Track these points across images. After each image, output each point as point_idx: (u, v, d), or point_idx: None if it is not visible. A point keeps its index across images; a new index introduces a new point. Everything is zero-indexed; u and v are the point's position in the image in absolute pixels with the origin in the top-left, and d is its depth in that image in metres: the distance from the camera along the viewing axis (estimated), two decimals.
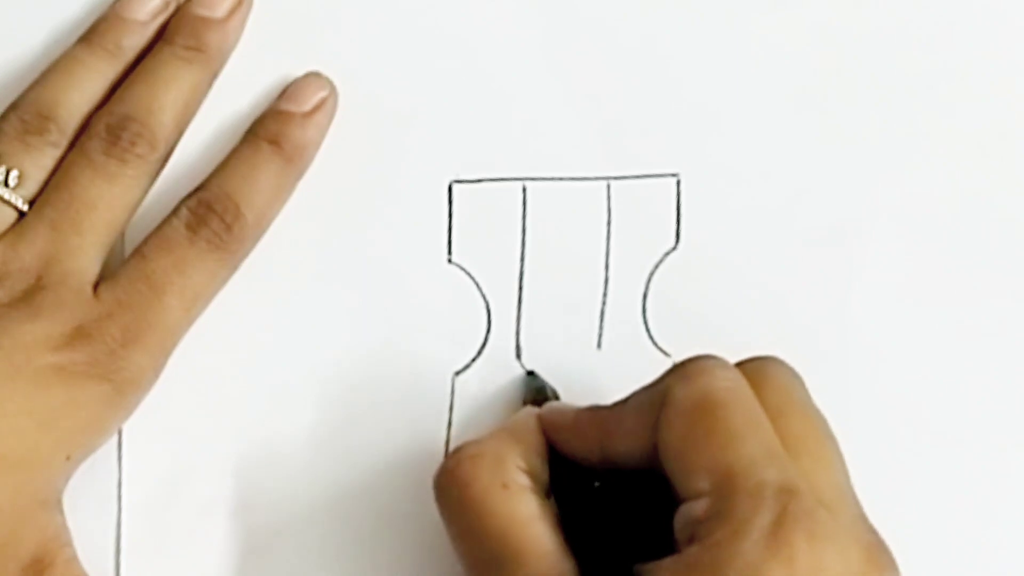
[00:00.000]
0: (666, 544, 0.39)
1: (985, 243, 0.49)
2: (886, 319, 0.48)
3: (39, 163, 0.45)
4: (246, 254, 0.46)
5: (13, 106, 0.46)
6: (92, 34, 0.47)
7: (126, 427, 0.46)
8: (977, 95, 0.49)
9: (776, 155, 0.49)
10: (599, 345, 0.48)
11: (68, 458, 0.43)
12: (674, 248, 0.48)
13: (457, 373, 0.47)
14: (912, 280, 0.48)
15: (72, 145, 0.46)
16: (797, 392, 0.41)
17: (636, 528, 0.41)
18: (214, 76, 0.48)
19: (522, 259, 0.48)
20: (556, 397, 0.46)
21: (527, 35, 0.49)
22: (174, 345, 0.45)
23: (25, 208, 0.45)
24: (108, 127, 0.46)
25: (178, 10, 0.48)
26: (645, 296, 0.48)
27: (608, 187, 0.48)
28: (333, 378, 0.47)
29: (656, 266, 0.48)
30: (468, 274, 0.48)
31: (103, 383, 0.43)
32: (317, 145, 0.47)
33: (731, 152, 0.49)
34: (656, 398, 0.40)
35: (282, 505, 0.46)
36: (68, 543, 0.43)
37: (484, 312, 0.48)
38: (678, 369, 0.40)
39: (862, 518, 0.39)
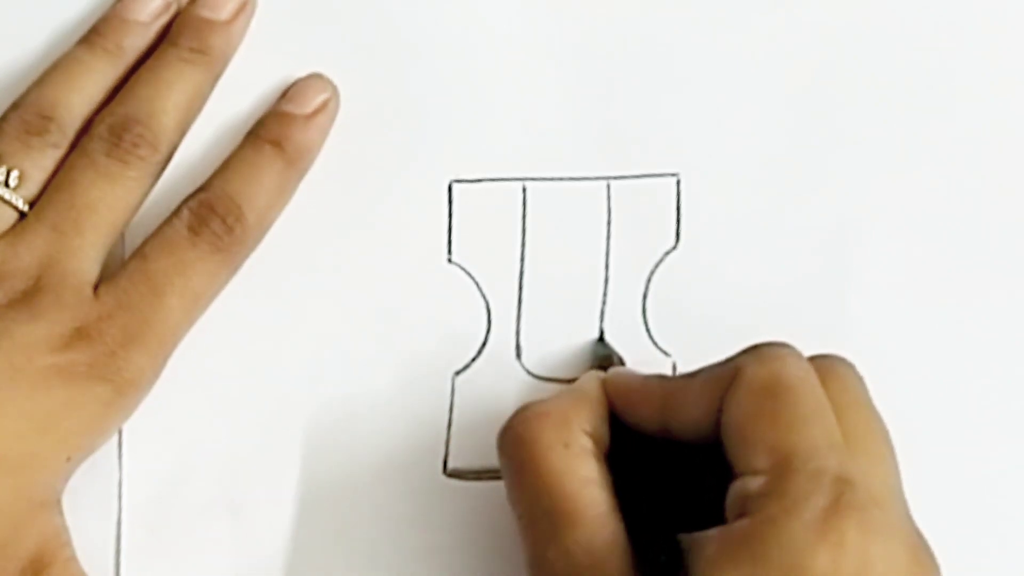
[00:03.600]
0: (711, 518, 0.39)
1: (985, 243, 0.49)
2: (886, 319, 0.48)
3: (40, 164, 0.45)
4: (247, 255, 0.46)
5: (14, 106, 0.46)
6: (93, 35, 0.47)
7: (126, 427, 0.46)
8: (977, 95, 0.49)
9: (776, 155, 0.49)
10: None
11: (68, 459, 0.44)
12: (674, 248, 0.48)
13: (457, 373, 0.47)
14: (912, 280, 0.48)
15: (73, 146, 0.46)
16: (861, 392, 0.41)
17: (683, 499, 0.41)
18: (217, 78, 0.48)
19: (522, 259, 0.48)
20: (622, 363, 0.47)
21: (527, 35, 0.49)
22: (174, 346, 0.45)
23: (25, 209, 0.45)
24: (110, 128, 0.46)
25: (180, 12, 0.48)
26: (645, 296, 0.48)
27: (608, 187, 0.48)
28: (333, 378, 0.47)
29: (656, 266, 0.48)
30: (468, 274, 0.48)
31: (103, 384, 0.43)
32: (319, 146, 0.48)
33: (731, 152, 0.49)
34: (726, 374, 0.41)
35: (282, 505, 0.47)
36: (68, 543, 0.44)
37: (484, 312, 0.48)
38: (752, 350, 0.41)
39: (910, 520, 0.39)
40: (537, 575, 0.41)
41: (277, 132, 0.47)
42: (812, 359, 0.41)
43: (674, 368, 0.48)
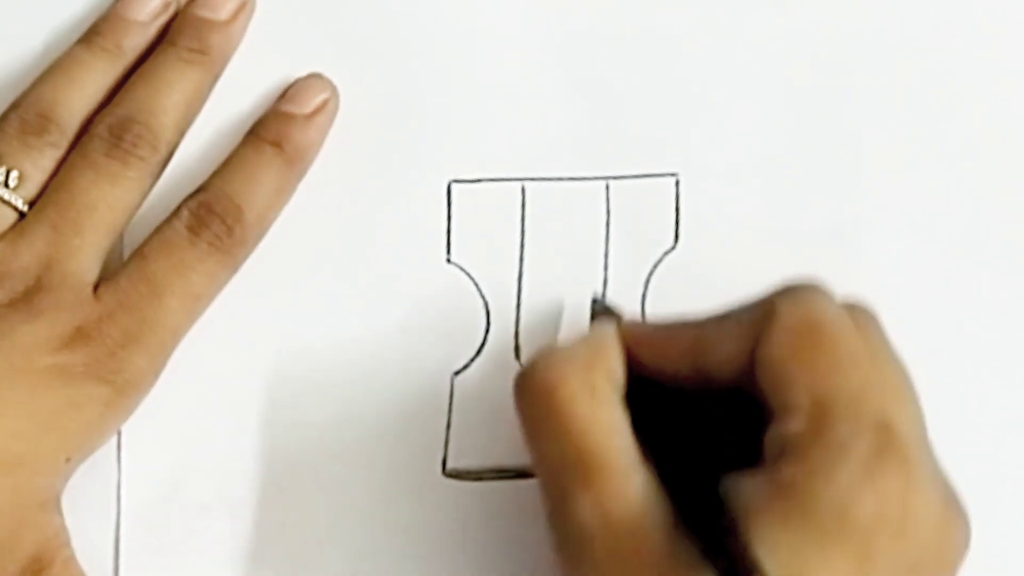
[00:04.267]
0: (734, 460, 0.39)
1: (985, 243, 0.49)
2: (885, 319, 0.48)
3: (39, 164, 0.45)
4: (247, 255, 0.46)
5: (13, 106, 0.46)
6: (92, 34, 0.47)
7: (125, 428, 0.46)
8: (977, 95, 0.49)
9: (776, 155, 0.49)
10: None
11: (68, 459, 0.44)
12: (673, 248, 0.48)
13: (456, 373, 0.47)
14: (912, 280, 0.48)
15: (72, 146, 0.46)
16: (886, 339, 0.41)
17: (700, 444, 0.41)
18: (216, 78, 0.48)
19: (521, 259, 0.48)
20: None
21: (526, 35, 0.49)
22: (174, 346, 0.45)
23: (25, 209, 0.45)
24: (110, 128, 0.46)
25: (180, 12, 0.48)
26: (644, 296, 0.48)
27: (607, 187, 0.48)
28: (332, 378, 0.47)
29: (655, 266, 0.48)
30: (467, 274, 0.48)
31: (103, 384, 0.43)
32: (318, 146, 0.48)
33: (731, 152, 0.49)
34: (760, 314, 0.40)
35: (281, 505, 0.47)
36: (67, 544, 0.44)
37: (483, 312, 0.48)
38: (785, 290, 0.40)
39: (940, 466, 0.40)
40: (561, 526, 0.40)
41: (276, 132, 0.47)
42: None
43: None
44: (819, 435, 0.38)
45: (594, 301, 0.47)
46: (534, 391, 0.41)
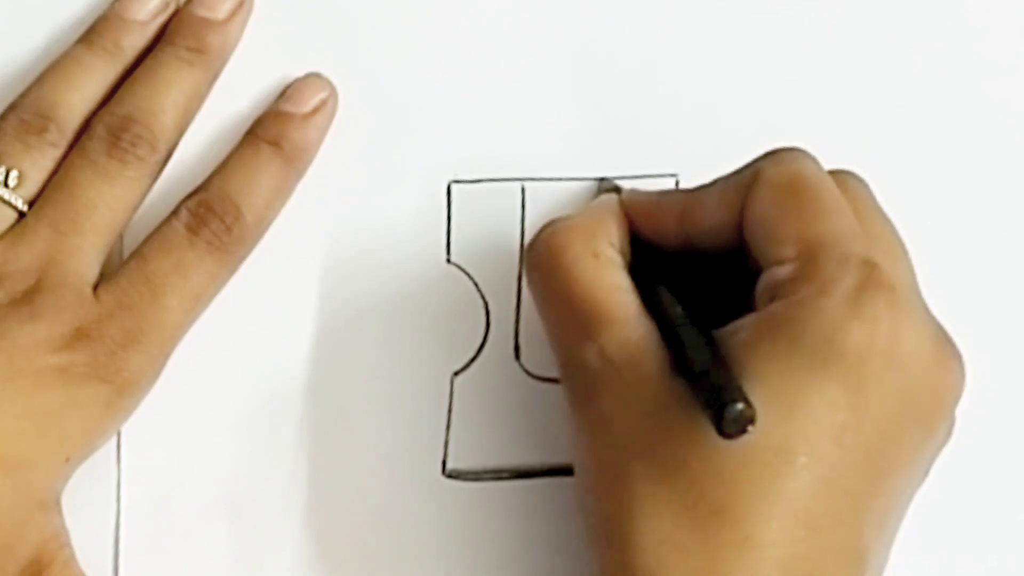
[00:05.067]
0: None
1: (985, 243, 0.49)
2: None
3: (39, 163, 0.45)
4: (246, 255, 0.46)
5: (13, 106, 0.46)
6: (92, 34, 0.47)
7: (125, 428, 0.46)
8: (977, 95, 0.49)
9: None
10: None
11: (67, 459, 0.44)
12: None
13: (456, 373, 0.47)
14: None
15: (72, 145, 0.46)
16: (874, 200, 0.43)
17: (706, 309, 0.42)
18: (215, 77, 0.48)
19: (521, 259, 0.48)
20: None
21: (526, 35, 0.49)
22: (174, 346, 0.45)
23: (25, 208, 0.45)
24: (109, 128, 0.46)
25: (178, 11, 0.48)
26: None
27: None
28: (332, 378, 0.47)
29: None
30: (467, 274, 0.48)
31: (103, 384, 0.43)
32: (317, 146, 0.48)
33: (730, 152, 0.48)
34: (745, 178, 0.42)
35: (281, 505, 0.47)
36: (67, 544, 0.44)
37: (483, 312, 0.48)
38: (770, 154, 0.42)
39: (931, 313, 0.41)
40: (571, 375, 0.42)
41: (275, 132, 0.47)
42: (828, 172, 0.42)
43: None
44: (807, 274, 0.39)
45: (600, 179, 0.48)
46: (541, 257, 0.43)
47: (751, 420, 0.37)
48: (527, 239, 0.48)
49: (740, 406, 0.37)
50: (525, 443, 0.47)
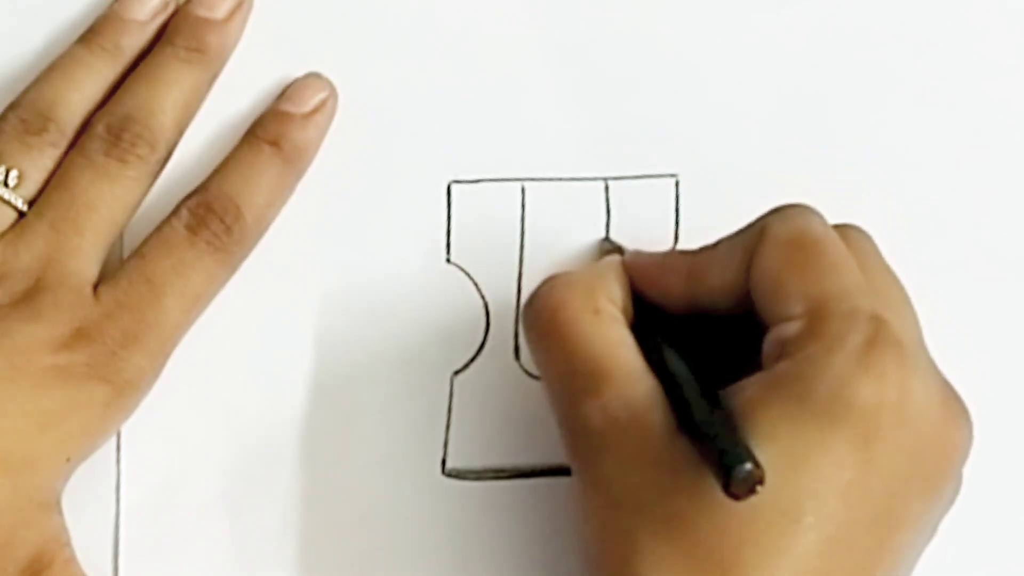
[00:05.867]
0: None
1: (985, 243, 0.49)
2: None
3: (39, 163, 0.45)
4: (246, 255, 0.46)
5: (12, 106, 0.46)
6: (91, 34, 0.47)
7: (125, 428, 0.46)
8: (977, 95, 0.49)
9: (775, 156, 0.49)
10: None
11: (68, 459, 0.44)
12: (673, 248, 0.48)
13: (456, 373, 0.47)
14: (911, 280, 0.48)
15: (72, 145, 0.46)
16: (879, 254, 0.42)
17: (710, 371, 0.41)
18: (214, 77, 0.48)
19: (521, 259, 0.48)
20: None
21: (526, 35, 0.49)
22: (174, 346, 0.45)
23: (25, 208, 0.45)
24: (108, 127, 0.46)
25: (178, 11, 0.48)
26: None
27: (607, 187, 0.48)
28: (332, 378, 0.47)
29: None
30: (467, 274, 0.48)
31: (103, 384, 0.43)
32: (317, 146, 0.47)
33: (730, 152, 0.49)
34: (752, 235, 0.42)
35: (281, 505, 0.47)
36: (67, 544, 0.44)
37: (483, 312, 0.48)
38: (776, 211, 0.42)
39: (938, 369, 0.40)
40: (572, 433, 0.41)
41: (275, 131, 0.47)
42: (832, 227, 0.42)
43: None
44: (814, 331, 0.39)
45: (603, 240, 0.48)
46: (540, 313, 0.43)
47: (759, 481, 0.36)
48: (527, 239, 0.48)
49: (748, 467, 0.36)
50: (525, 443, 0.47)
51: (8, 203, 0.45)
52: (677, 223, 0.48)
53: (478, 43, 0.49)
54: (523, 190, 0.48)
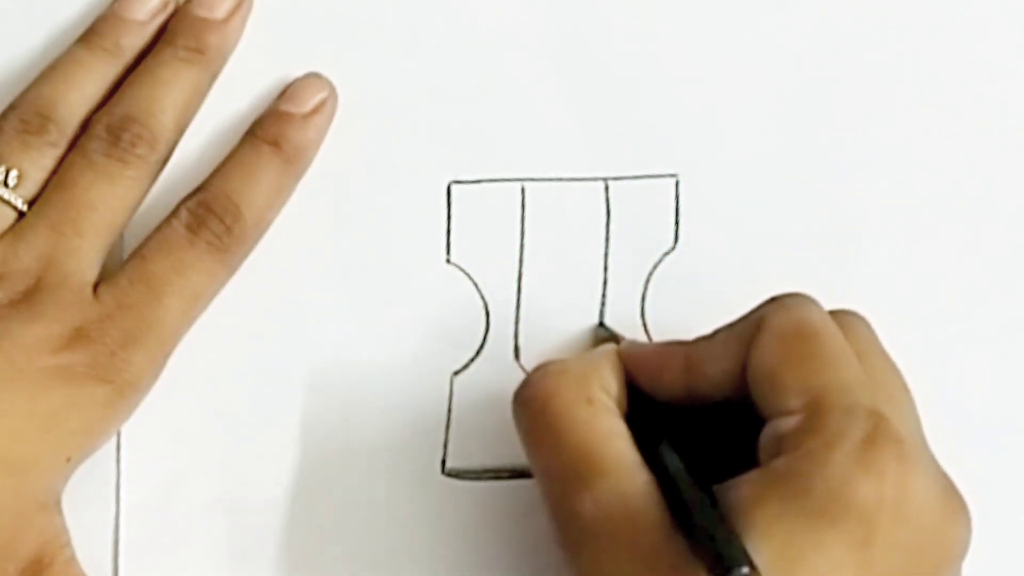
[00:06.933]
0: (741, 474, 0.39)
1: (985, 243, 0.49)
2: (885, 319, 0.48)
3: (38, 163, 0.45)
4: (246, 255, 0.46)
5: (12, 106, 0.46)
6: (91, 34, 0.47)
7: (125, 428, 0.46)
8: (976, 95, 0.49)
9: (775, 156, 0.49)
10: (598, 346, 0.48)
11: (68, 459, 0.44)
12: (673, 249, 0.48)
13: (456, 373, 0.47)
14: (911, 280, 0.49)
15: (72, 145, 0.46)
16: (876, 340, 0.42)
17: (706, 463, 0.41)
18: (214, 77, 0.48)
19: (521, 259, 0.48)
20: None
21: (526, 35, 0.49)
22: (174, 346, 0.45)
23: (25, 208, 0.45)
24: (108, 128, 0.46)
25: (178, 11, 0.48)
26: (644, 297, 0.48)
27: (607, 188, 0.48)
28: (332, 378, 0.47)
29: (655, 267, 0.48)
30: (467, 274, 0.48)
31: (103, 384, 0.43)
32: (317, 146, 0.47)
33: (730, 152, 0.49)
34: (749, 325, 0.41)
35: (281, 505, 0.47)
36: (67, 544, 0.44)
37: (483, 312, 0.48)
38: (773, 300, 0.41)
39: (937, 463, 0.40)
40: (564, 526, 0.41)
41: (275, 132, 0.47)
42: (828, 312, 0.42)
43: None
44: (813, 427, 0.39)
45: (598, 326, 0.48)
46: (531, 402, 0.42)
47: None
48: (527, 239, 0.48)
49: (745, 570, 0.36)
50: None
51: (8, 203, 0.45)
52: (677, 223, 0.48)
53: (478, 43, 0.49)
54: (523, 190, 0.48)
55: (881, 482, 0.38)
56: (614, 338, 0.47)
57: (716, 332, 0.42)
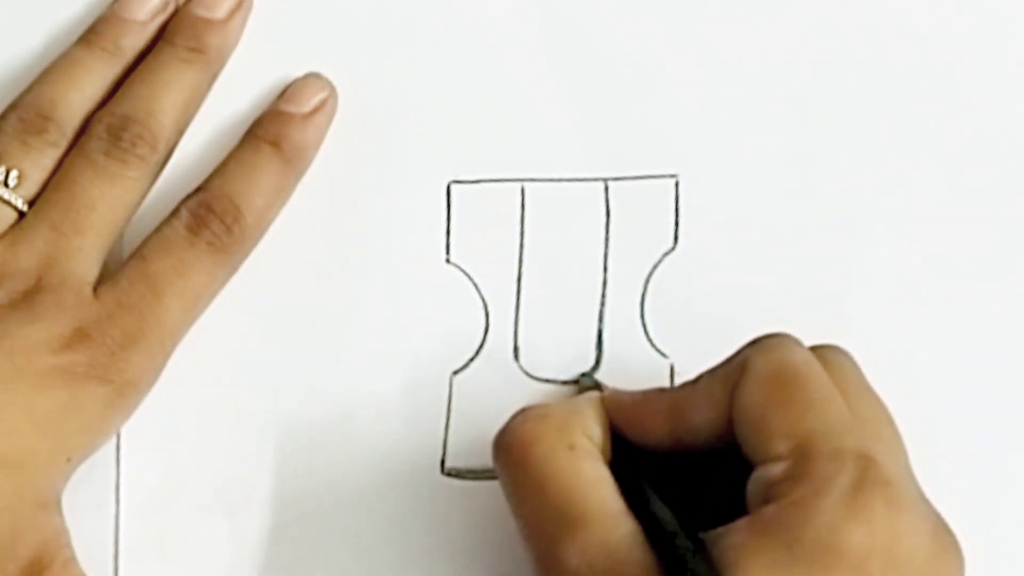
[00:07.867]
0: (725, 521, 0.39)
1: (985, 243, 0.49)
2: (885, 320, 0.48)
3: (39, 163, 0.46)
4: (246, 255, 0.46)
5: (13, 106, 0.46)
6: (91, 34, 0.47)
7: (125, 428, 0.46)
8: (977, 95, 0.49)
9: (775, 156, 0.49)
10: (598, 346, 0.48)
11: (68, 459, 0.44)
12: (672, 249, 0.48)
13: (455, 373, 0.47)
14: (911, 280, 0.48)
15: (72, 145, 0.46)
16: (860, 377, 0.42)
17: (691, 509, 0.40)
18: (214, 77, 0.48)
19: (520, 259, 0.48)
20: None
21: (526, 35, 0.49)
22: (174, 346, 0.45)
23: (25, 208, 0.45)
24: (109, 128, 0.46)
25: (178, 11, 0.48)
26: (643, 297, 0.48)
27: (606, 188, 0.48)
28: (331, 378, 0.47)
29: (655, 267, 0.48)
30: (467, 274, 0.48)
31: (103, 385, 0.43)
32: (317, 146, 0.48)
33: (730, 153, 0.49)
34: (733, 370, 0.41)
35: (280, 505, 0.47)
36: (67, 544, 0.44)
37: (482, 312, 0.48)
38: (756, 343, 0.41)
39: (927, 500, 0.40)
40: (547, 573, 0.40)
41: (275, 132, 0.47)
42: (810, 348, 0.41)
43: (672, 370, 0.48)
44: (801, 473, 0.38)
45: (582, 375, 0.47)
46: (511, 449, 0.41)
47: None
48: (527, 239, 0.48)
49: None
50: None
51: (8, 203, 0.45)
52: (677, 223, 0.48)
53: (478, 43, 0.49)
54: (523, 190, 0.48)
55: (871, 528, 0.37)
56: (598, 387, 0.46)
57: (699, 377, 0.42)
